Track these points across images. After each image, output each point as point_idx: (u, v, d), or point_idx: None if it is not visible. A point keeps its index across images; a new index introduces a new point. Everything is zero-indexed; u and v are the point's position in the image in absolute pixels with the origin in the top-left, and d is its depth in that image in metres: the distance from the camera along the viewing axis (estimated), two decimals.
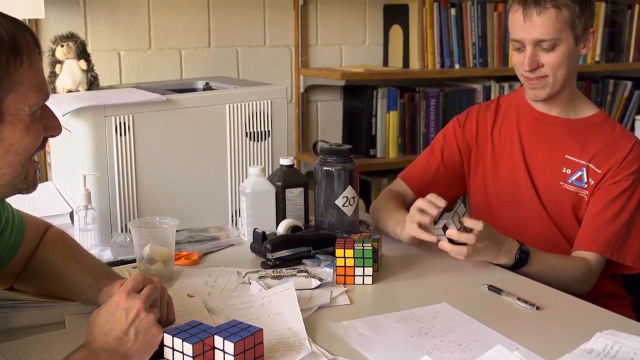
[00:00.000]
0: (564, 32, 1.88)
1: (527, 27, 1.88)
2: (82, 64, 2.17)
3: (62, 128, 1.27)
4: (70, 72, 2.16)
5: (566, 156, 1.97)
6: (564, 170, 1.97)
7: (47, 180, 2.31)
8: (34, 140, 1.17)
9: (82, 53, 2.19)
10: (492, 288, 1.61)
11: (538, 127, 2.02)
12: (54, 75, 2.17)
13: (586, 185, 1.94)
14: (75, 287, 1.44)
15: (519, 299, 1.55)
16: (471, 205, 2.14)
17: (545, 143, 2.01)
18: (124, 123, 1.90)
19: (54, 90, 2.17)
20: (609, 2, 3.78)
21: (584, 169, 1.94)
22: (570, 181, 1.96)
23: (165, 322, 1.31)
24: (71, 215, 1.89)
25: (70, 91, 2.15)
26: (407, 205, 1.96)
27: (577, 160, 1.96)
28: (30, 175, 1.20)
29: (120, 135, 1.90)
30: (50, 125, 1.22)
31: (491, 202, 2.07)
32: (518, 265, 1.74)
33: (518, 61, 1.95)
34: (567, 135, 1.99)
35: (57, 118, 1.23)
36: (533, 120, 2.04)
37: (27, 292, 1.46)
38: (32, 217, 1.50)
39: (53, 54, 2.18)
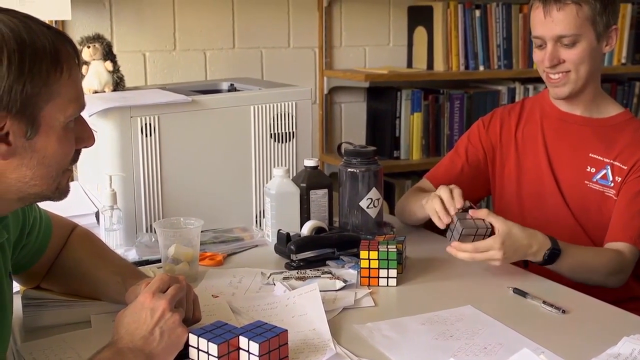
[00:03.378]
0: (585, 28, 1.88)
1: (548, 23, 1.88)
2: (108, 65, 2.18)
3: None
4: (96, 73, 2.17)
5: (590, 155, 1.96)
6: (588, 169, 1.95)
7: (73, 180, 2.33)
8: (65, 153, 1.18)
9: (108, 54, 2.21)
10: (517, 291, 1.61)
11: (561, 127, 2.02)
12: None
13: (612, 184, 1.92)
14: (102, 286, 1.45)
15: (544, 302, 1.54)
16: (495, 207, 2.13)
17: (569, 142, 2.00)
18: (150, 124, 1.91)
19: None
20: (635, 4, 3.75)
21: (609, 167, 1.93)
22: (595, 180, 1.94)
23: (192, 320, 1.32)
24: (97, 215, 1.90)
25: (96, 92, 2.17)
26: None
27: (601, 159, 1.94)
28: (63, 185, 1.21)
29: (146, 135, 1.91)
30: (83, 137, 1.22)
31: (515, 202, 2.06)
32: (547, 263, 1.71)
33: (539, 58, 1.95)
34: (591, 134, 1.98)
35: (90, 129, 1.24)
36: (556, 120, 2.03)
37: (53, 292, 1.47)
38: (59, 217, 1.52)
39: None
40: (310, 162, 1.98)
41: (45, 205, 1.47)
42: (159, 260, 1.72)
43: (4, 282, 1.26)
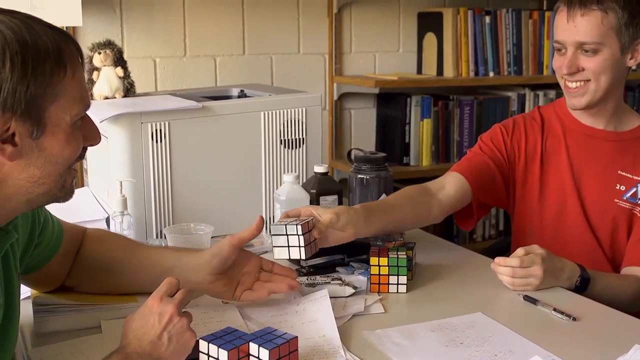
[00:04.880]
0: (609, 38, 1.80)
1: (570, 29, 1.82)
2: (119, 71, 2.19)
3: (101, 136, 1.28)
4: (107, 79, 2.18)
5: (619, 172, 1.91)
6: (617, 187, 1.91)
7: (83, 185, 2.33)
8: (73, 150, 1.18)
9: (119, 60, 2.22)
10: (527, 298, 1.60)
11: (587, 143, 1.95)
12: (91, 82, 2.20)
13: None
14: (147, 266, 1.50)
15: (555, 309, 1.53)
16: (514, 224, 2.06)
17: (596, 159, 1.93)
18: (160, 130, 1.92)
19: (91, 97, 2.19)
20: None
21: (639, 184, 1.89)
22: (625, 198, 1.90)
23: None
24: (107, 220, 1.91)
25: (107, 98, 2.18)
26: (427, 204, 1.87)
27: (631, 177, 1.90)
28: (68, 184, 1.21)
29: (156, 141, 1.92)
30: (89, 135, 1.23)
31: (536, 220, 1.98)
32: (579, 290, 1.69)
33: (558, 64, 1.88)
34: (618, 150, 1.92)
35: (96, 127, 1.25)
36: (581, 135, 1.95)
37: (66, 296, 1.47)
38: (69, 223, 1.53)
39: (90, 61, 2.20)
40: (320, 169, 1.99)
41: (56, 211, 1.48)
42: None
43: (14, 282, 1.26)
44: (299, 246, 1.48)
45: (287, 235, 1.49)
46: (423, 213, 1.85)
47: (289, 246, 1.49)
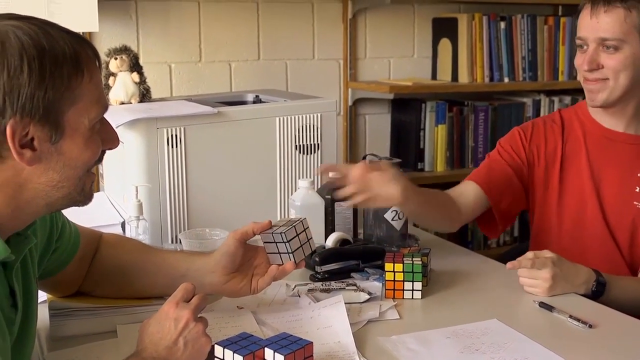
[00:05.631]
0: (631, 36, 1.80)
1: (592, 24, 1.82)
2: (135, 76, 2.20)
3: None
4: (123, 85, 2.19)
5: (639, 175, 1.91)
6: (637, 190, 1.90)
7: (99, 190, 2.34)
8: (92, 154, 1.19)
9: (135, 66, 2.22)
10: (543, 305, 1.59)
11: (607, 145, 1.94)
12: (107, 87, 2.21)
13: None
14: (164, 268, 1.50)
15: (571, 316, 1.52)
16: (533, 227, 2.06)
17: (616, 162, 1.93)
18: (176, 135, 1.93)
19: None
20: None
21: None
22: None
23: None
24: (123, 225, 1.91)
25: (123, 103, 2.19)
26: (455, 205, 1.92)
27: None
28: (87, 187, 1.22)
29: (172, 147, 1.93)
30: (108, 138, 1.23)
31: (554, 222, 1.98)
32: (596, 295, 1.69)
33: (579, 61, 1.88)
34: (637, 153, 1.92)
35: (114, 130, 1.25)
36: (601, 138, 1.95)
37: (82, 300, 1.48)
38: (85, 227, 1.53)
39: (107, 67, 2.21)
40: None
41: (72, 216, 1.49)
42: None
43: (32, 287, 1.27)
44: (288, 252, 1.48)
45: (275, 242, 1.49)
46: (452, 214, 1.92)
47: (279, 252, 1.48)
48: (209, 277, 1.48)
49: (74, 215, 1.44)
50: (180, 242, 1.78)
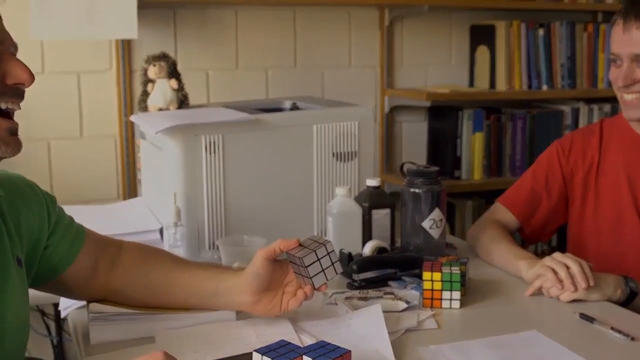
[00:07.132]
0: None
1: (625, 41, 1.82)
2: (173, 83, 2.22)
3: (34, 77, 1.21)
4: (161, 91, 2.21)
5: None
6: None
7: (136, 196, 2.36)
8: None
9: (173, 72, 2.24)
10: (584, 316, 1.57)
11: None
12: (145, 93, 2.23)
13: None
14: (196, 282, 1.47)
15: (612, 328, 1.50)
16: (570, 236, 2.06)
17: None
18: (214, 142, 1.93)
19: (146, 109, 2.22)
20: None
21: None
22: None
23: None
24: (161, 231, 1.92)
25: (161, 109, 2.20)
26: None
27: None
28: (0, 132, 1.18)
29: (210, 153, 1.93)
30: (10, 72, 1.19)
31: (593, 234, 1.98)
32: (629, 300, 1.68)
33: (614, 76, 1.88)
34: None
35: (21, 65, 1.20)
36: (639, 148, 1.95)
37: (119, 305, 1.48)
38: (101, 235, 1.51)
39: (145, 73, 2.23)
40: (372, 182, 1.98)
41: (109, 222, 1.48)
42: None
43: (10, 268, 1.26)
44: (308, 277, 1.44)
45: (297, 265, 1.46)
46: None
47: (302, 275, 1.47)
48: (238, 296, 1.46)
49: (111, 222, 1.44)
50: (218, 248, 1.78)
